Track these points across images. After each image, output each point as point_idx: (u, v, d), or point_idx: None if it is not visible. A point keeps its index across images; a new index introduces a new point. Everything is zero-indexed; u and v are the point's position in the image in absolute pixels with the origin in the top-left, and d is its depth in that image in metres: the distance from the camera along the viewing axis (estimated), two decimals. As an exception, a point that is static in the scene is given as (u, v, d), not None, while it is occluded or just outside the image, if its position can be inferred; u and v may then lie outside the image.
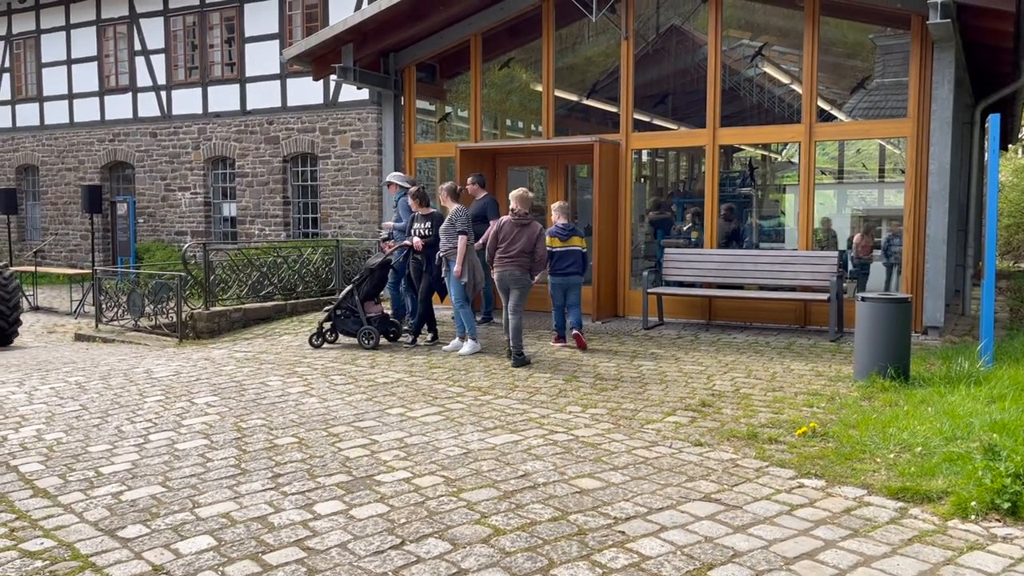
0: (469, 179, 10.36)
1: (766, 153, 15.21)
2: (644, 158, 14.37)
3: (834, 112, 11.87)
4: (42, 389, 7.23)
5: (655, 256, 12.11)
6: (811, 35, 9.73)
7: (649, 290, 10.05)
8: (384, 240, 9.86)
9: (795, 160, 14.10)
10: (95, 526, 3.99)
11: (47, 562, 3.60)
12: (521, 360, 7.84)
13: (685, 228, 12.71)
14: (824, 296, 9.26)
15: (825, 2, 9.71)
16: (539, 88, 11.61)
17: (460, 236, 8.43)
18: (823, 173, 13.15)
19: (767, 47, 12.30)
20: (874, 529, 3.87)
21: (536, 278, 8.36)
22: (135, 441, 5.46)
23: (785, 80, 12.12)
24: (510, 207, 8.32)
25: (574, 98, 12.86)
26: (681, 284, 10.55)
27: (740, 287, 10.28)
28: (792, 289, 9.91)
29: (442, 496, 4.31)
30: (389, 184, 10.44)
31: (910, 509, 4.11)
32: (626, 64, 10.82)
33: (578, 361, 8.14)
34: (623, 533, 3.81)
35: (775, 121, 11.70)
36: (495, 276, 8.29)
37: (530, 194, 8.47)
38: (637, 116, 11.23)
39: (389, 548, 3.66)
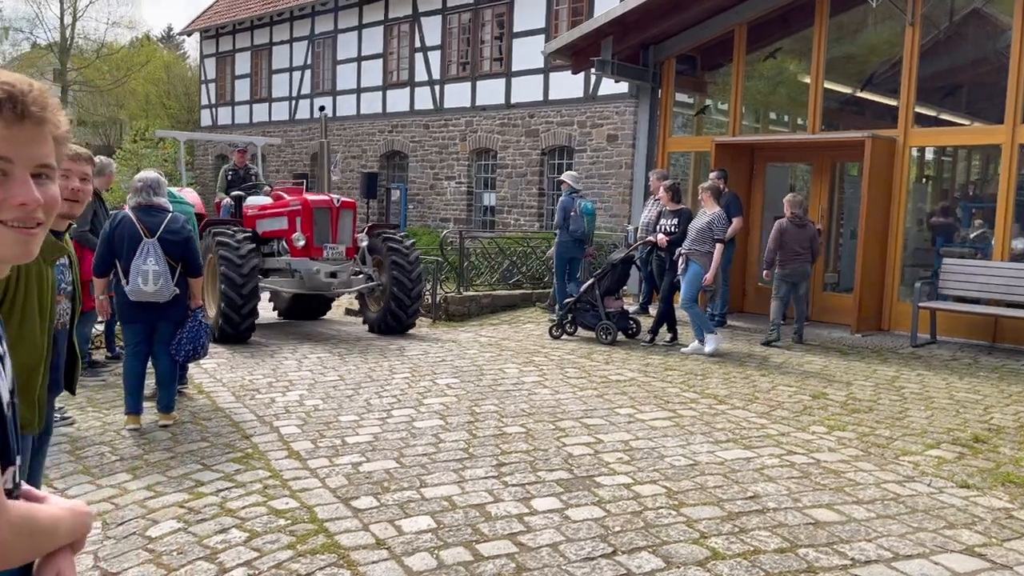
0: (713, 175, 9.84)
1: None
2: (928, 156, 12.96)
3: None
4: (310, 357, 7.97)
5: (931, 265, 10.87)
6: None
7: (921, 304, 9.04)
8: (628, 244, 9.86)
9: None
10: (334, 493, 4.29)
11: (288, 521, 3.91)
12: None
13: (972, 236, 11.27)
14: None
15: None
16: (806, 80, 10.85)
17: (717, 244, 8.14)
18: None
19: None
20: None
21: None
22: (379, 415, 5.82)
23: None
24: (788, 211, 9.00)
25: (847, 90, 11.87)
26: (961, 299, 9.38)
27: (1036, 307, 8.93)
28: (1104, 314, 8.43)
29: (661, 508, 4.13)
30: (562, 182, 10.48)
31: None
32: (910, 52, 9.79)
33: (829, 376, 7.51)
34: (859, 578, 3.41)
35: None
36: (784, 272, 8.97)
37: (799, 198, 9.30)
38: (920, 110, 10.13)
39: (600, 556, 3.56)
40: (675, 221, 8.74)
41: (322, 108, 10.43)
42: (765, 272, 9.25)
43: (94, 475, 4.63)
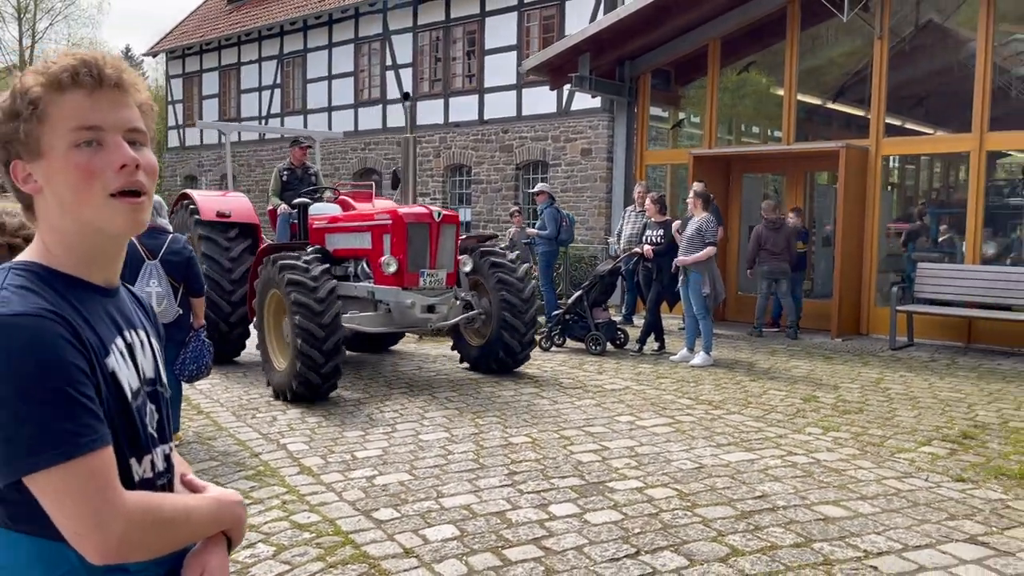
0: (698, 185, 10.08)
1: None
2: (892, 164, 13.33)
3: None
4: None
5: (903, 270, 11.20)
6: (1107, 25, 8.56)
7: (898, 307, 9.31)
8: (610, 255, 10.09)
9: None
10: (352, 505, 4.34)
11: (313, 535, 3.96)
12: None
13: (941, 241, 11.63)
14: (1114, 322, 8.10)
15: None
16: (779, 92, 11.15)
17: (708, 247, 8.31)
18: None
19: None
20: None
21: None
22: (384, 429, 5.87)
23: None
24: (763, 216, 9.96)
25: (817, 102, 12.21)
26: (935, 302, 9.68)
27: (1008, 308, 9.25)
28: (1073, 313, 8.76)
29: (676, 509, 4.25)
30: (539, 193, 10.66)
31: None
32: (879, 65, 10.12)
33: (816, 379, 7.71)
34: (875, 568, 3.55)
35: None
36: (763, 270, 9.92)
37: (773, 203, 10.10)
38: (890, 120, 10.46)
39: (624, 556, 3.66)
40: (660, 232, 8.92)
41: (406, 95, 8.46)
42: (749, 272, 10.19)
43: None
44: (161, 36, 29.30)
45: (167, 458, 1.30)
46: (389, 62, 20.75)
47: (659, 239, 8.89)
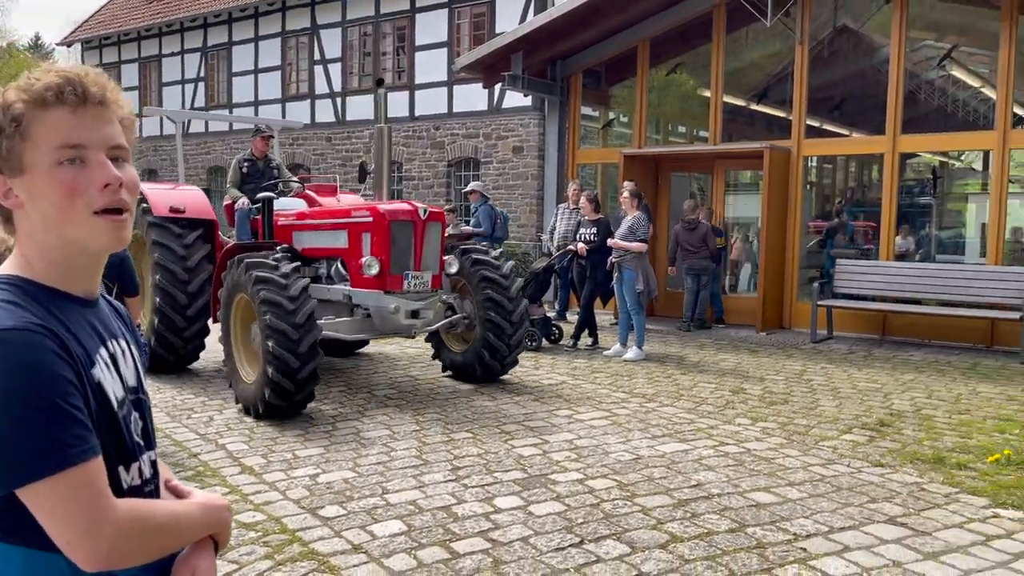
0: (629, 184, 10.37)
1: (944, 160, 14.31)
2: (811, 164, 13.87)
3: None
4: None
5: (822, 267, 11.68)
6: (1008, 35, 9.11)
7: (819, 302, 9.72)
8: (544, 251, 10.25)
9: (976, 167, 13.19)
10: (297, 504, 4.35)
11: (260, 533, 3.96)
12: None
13: (858, 238, 12.17)
14: (1016, 315, 8.64)
15: (1025, 0, 9.07)
16: (706, 93, 11.47)
17: (638, 243, 8.48)
18: (1010, 182, 12.23)
19: (955, 48, 11.58)
20: (1084, 568, 3.62)
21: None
22: (324, 428, 5.86)
23: (974, 83, 11.38)
24: (683, 215, 10.38)
25: (741, 103, 12.61)
26: (852, 297, 10.13)
27: (919, 302, 9.76)
28: (978, 306, 9.29)
29: (616, 499, 4.39)
30: (471, 192, 10.79)
31: (1126, 550, 3.81)
32: (800, 69, 10.52)
33: (744, 372, 8.00)
34: (804, 550, 3.76)
35: (959, 127, 11.01)
36: (684, 266, 10.41)
37: (691, 204, 10.66)
38: (810, 122, 10.88)
39: (569, 546, 3.78)
40: (594, 230, 9.10)
41: (380, 81, 7.18)
42: (670, 269, 10.77)
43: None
44: (76, 25, 28.25)
45: (153, 464, 1.33)
46: (317, 56, 20.49)
47: (593, 237, 9.08)
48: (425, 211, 6.54)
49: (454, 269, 6.91)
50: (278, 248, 6.66)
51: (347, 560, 3.64)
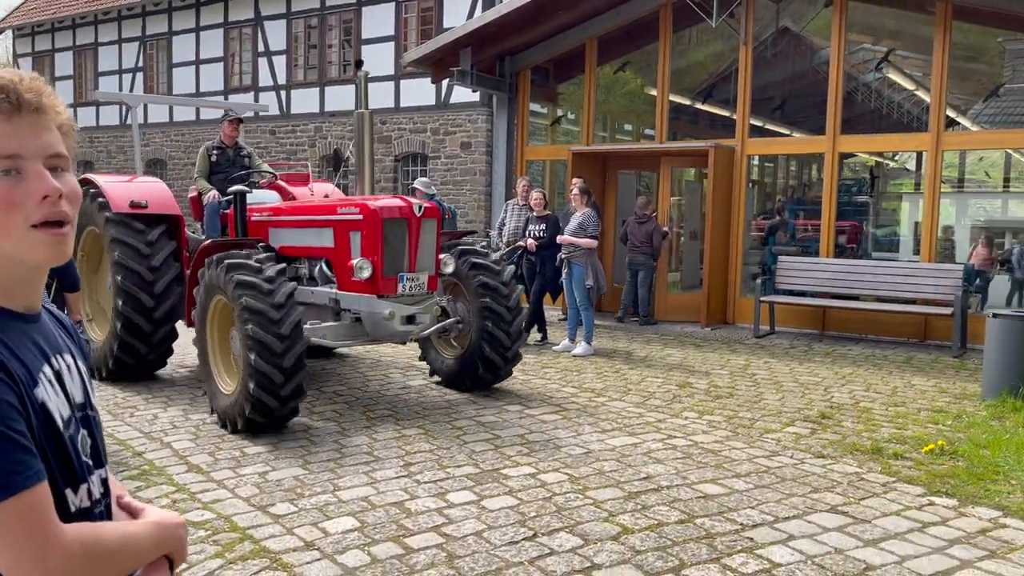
0: (578, 182, 10.46)
1: (880, 159, 14.76)
2: (753, 163, 14.17)
3: (958, 119, 11.45)
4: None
5: (765, 263, 11.96)
6: (942, 40, 9.43)
7: (761, 298, 9.94)
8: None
9: (910, 167, 13.65)
10: (247, 502, 4.30)
11: (209, 532, 3.91)
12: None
13: (798, 236, 12.48)
14: (948, 310, 8.97)
15: (957, 6, 9.39)
16: (652, 92, 11.62)
17: (588, 240, 8.55)
18: (943, 182, 12.69)
19: (891, 52, 11.96)
20: (1012, 551, 3.79)
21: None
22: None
23: (908, 86, 11.76)
24: (635, 210, 10.52)
25: (687, 102, 12.81)
26: (793, 292, 10.39)
27: (856, 298, 10.05)
28: (913, 302, 9.62)
29: (568, 493, 4.45)
30: (414, 191, 10.79)
31: (1051, 534, 4.00)
32: (744, 69, 10.73)
33: (689, 367, 8.15)
34: (751, 539, 3.86)
35: (894, 128, 11.38)
36: (627, 260, 10.53)
37: (644, 200, 10.55)
38: (753, 121, 11.11)
39: (522, 539, 3.82)
40: (543, 226, 9.16)
41: (359, 63, 6.90)
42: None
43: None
44: (8, 11, 27.27)
45: (104, 482, 1.28)
46: (261, 48, 20.15)
47: (542, 233, 9.13)
48: (420, 207, 6.00)
49: (450, 269, 6.39)
50: (259, 246, 6.16)
51: (300, 557, 3.62)
